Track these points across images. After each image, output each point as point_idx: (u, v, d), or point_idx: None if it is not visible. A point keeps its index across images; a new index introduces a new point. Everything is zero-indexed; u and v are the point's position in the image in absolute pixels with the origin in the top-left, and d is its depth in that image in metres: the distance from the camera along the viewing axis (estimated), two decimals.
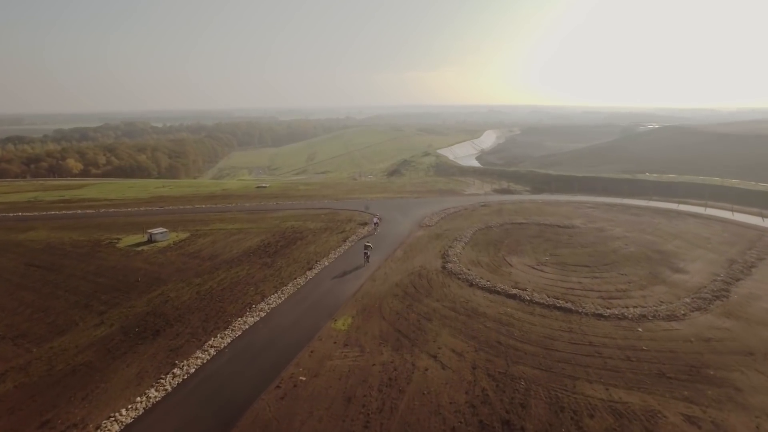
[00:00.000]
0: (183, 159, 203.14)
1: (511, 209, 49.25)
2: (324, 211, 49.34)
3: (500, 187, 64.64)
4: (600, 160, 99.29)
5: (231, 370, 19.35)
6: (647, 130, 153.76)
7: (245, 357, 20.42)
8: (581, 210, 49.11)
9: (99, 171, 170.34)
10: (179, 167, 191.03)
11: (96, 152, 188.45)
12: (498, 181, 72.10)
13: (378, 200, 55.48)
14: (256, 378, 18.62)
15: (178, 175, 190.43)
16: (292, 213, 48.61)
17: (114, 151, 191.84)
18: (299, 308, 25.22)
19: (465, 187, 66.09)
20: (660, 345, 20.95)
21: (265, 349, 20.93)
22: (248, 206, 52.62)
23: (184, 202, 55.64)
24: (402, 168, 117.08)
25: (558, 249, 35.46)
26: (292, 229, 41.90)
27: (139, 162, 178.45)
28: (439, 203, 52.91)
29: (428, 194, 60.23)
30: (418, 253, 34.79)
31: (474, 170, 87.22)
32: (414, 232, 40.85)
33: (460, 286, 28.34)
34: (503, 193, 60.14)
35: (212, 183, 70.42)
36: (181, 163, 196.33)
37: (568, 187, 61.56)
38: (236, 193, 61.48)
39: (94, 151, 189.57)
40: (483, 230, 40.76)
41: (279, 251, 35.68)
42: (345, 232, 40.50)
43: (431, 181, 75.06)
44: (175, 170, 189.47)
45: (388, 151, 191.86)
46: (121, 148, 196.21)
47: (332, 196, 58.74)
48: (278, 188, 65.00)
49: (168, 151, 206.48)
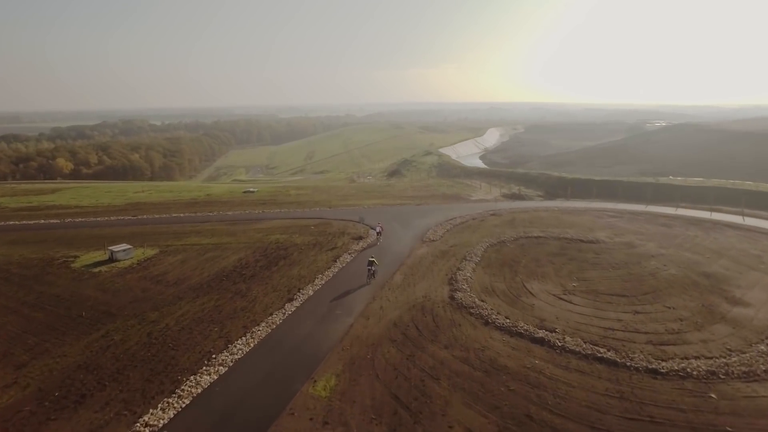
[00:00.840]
0: (178, 158, 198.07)
1: (524, 219, 43.88)
2: (314, 221, 44.04)
3: (510, 191, 59.23)
4: (613, 160, 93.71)
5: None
6: (659, 128, 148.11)
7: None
8: (604, 220, 43.72)
9: (90, 171, 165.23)
10: (174, 167, 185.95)
11: (88, 151, 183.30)
12: (507, 184, 66.68)
13: (376, 208, 50.16)
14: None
15: (172, 174, 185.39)
16: (279, 224, 43.31)
17: (107, 150, 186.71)
18: (270, 360, 19.92)
19: (471, 192, 60.71)
20: (748, 425, 15.64)
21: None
22: (231, 215, 47.35)
23: (161, 209, 50.37)
24: (402, 168, 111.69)
25: (585, 271, 30.13)
26: (276, 245, 36.60)
27: (132, 161, 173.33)
28: (444, 211, 47.56)
29: (431, 200, 54.87)
30: (420, 277, 29.48)
31: (480, 172, 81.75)
32: (416, 248, 35.52)
33: (472, 324, 23.03)
34: (514, 199, 54.75)
35: (196, 187, 65.16)
36: (175, 162, 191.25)
37: (584, 192, 56.14)
38: (220, 199, 56.21)
39: (86, 150, 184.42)
40: (495, 246, 35.41)
41: (257, 274, 30.40)
42: (336, 249, 35.18)
43: (434, 184, 69.68)
44: (169, 170, 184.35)
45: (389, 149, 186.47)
46: (115, 147, 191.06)
47: (325, 202, 53.43)
48: (267, 193, 59.70)
49: (163, 150, 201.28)
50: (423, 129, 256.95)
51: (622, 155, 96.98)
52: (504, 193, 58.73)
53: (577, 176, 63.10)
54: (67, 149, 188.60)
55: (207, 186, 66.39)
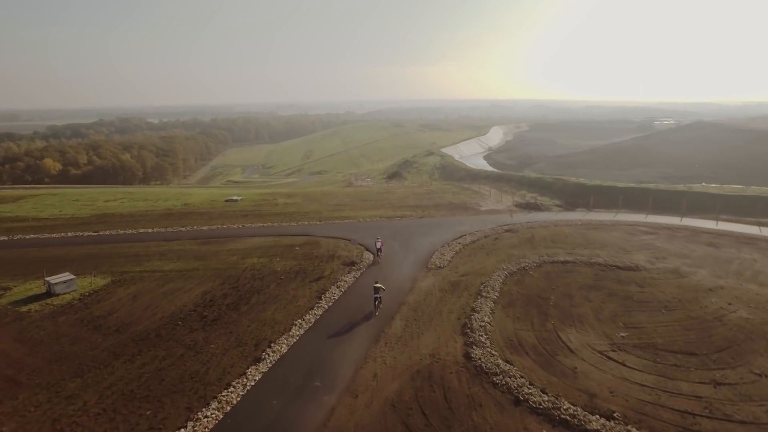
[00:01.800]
0: (171, 158, 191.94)
1: (545, 236, 37.75)
2: (301, 239, 37.93)
3: (524, 200, 53.06)
4: (629, 161, 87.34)
5: None
6: (673, 127, 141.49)
7: None
8: (637, 237, 37.59)
9: (79, 172, 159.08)
10: (167, 167, 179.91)
11: (78, 151, 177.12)
12: (518, 190, 60.48)
13: (372, 222, 44.06)
14: None
15: (165, 175, 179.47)
16: (259, 243, 37.21)
17: (97, 150, 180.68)
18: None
19: (479, 200, 54.55)
20: None
21: None
22: (206, 231, 41.27)
23: (129, 223, 44.29)
24: (403, 170, 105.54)
25: (631, 312, 24.06)
26: (251, 273, 30.53)
27: (123, 161, 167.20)
28: (451, 226, 41.46)
29: (435, 210, 48.76)
30: (426, 322, 23.39)
31: (487, 175, 75.52)
32: (419, 278, 29.40)
33: (498, 404, 16.98)
34: (529, 210, 48.59)
35: (175, 194, 59.10)
36: (168, 162, 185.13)
37: (609, 201, 49.96)
38: (198, 209, 50.10)
39: (76, 150, 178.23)
40: (515, 275, 29.33)
41: (222, 316, 24.34)
42: (323, 280, 29.09)
43: (437, 189, 63.52)
44: (162, 170, 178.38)
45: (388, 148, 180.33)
46: (106, 147, 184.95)
47: (315, 214, 47.33)
48: (251, 202, 53.57)
49: (156, 150, 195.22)
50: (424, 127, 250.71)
51: (640, 156, 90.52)
52: (517, 201, 52.56)
53: (598, 182, 56.80)
54: (57, 149, 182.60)
55: (187, 193, 60.28)
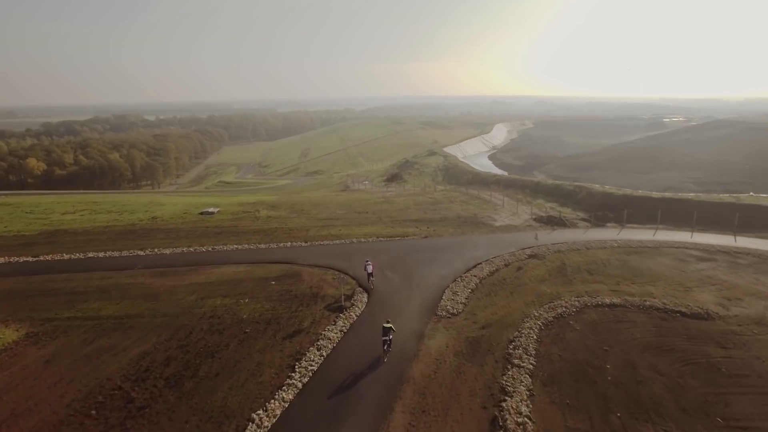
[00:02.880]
0: (163, 157, 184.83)
1: (578, 264, 30.85)
2: (279, 269, 31.01)
3: (544, 213, 46.13)
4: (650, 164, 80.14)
5: None
6: (693, 126, 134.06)
7: None
8: (692, 266, 30.68)
9: (64, 172, 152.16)
10: (157, 166, 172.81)
11: (65, 150, 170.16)
12: (534, 199, 53.54)
13: (368, 242, 37.14)
14: None
15: (155, 174, 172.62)
16: (228, 273, 30.32)
17: (85, 149, 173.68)
18: None
19: (492, 211, 47.60)
20: None
21: None
22: (168, 255, 34.35)
23: (80, 244, 37.34)
24: (404, 171, 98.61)
25: (728, 396, 17.18)
26: (209, 322, 23.66)
27: (111, 161, 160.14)
28: (461, 249, 34.53)
29: (442, 226, 41.86)
30: (439, 418, 16.43)
31: (497, 180, 68.42)
32: (428, 334, 22.42)
33: None
34: (551, 225, 41.66)
35: (145, 204, 52.15)
36: (160, 161, 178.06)
37: (643, 215, 43.04)
38: (167, 224, 43.16)
39: (63, 149, 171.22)
40: (552, 327, 22.46)
41: (153, 402, 17.44)
42: (300, 336, 22.19)
43: (443, 198, 56.54)
44: (152, 170, 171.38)
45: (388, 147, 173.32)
46: (94, 146, 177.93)
47: (301, 231, 40.43)
48: (229, 215, 46.60)
49: (147, 148, 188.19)
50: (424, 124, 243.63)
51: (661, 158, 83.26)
52: (536, 214, 45.61)
53: (628, 191, 49.77)
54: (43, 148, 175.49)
55: (159, 203, 53.28)
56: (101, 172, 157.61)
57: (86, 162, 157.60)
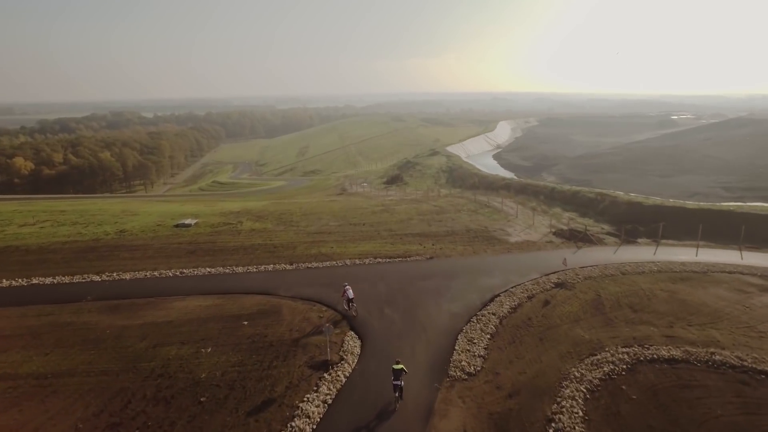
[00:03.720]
0: (156, 156, 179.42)
1: (617, 297, 25.53)
2: (255, 302, 25.73)
3: (565, 225, 40.79)
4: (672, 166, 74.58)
5: None
6: (712, 124, 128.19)
7: None
8: (757, 298, 25.31)
9: (52, 172, 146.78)
10: (150, 165, 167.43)
11: (54, 149, 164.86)
12: (550, 207, 48.16)
13: (363, 264, 31.85)
14: None
15: (148, 174, 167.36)
16: (192, 309, 25.06)
17: (76, 148, 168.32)
18: None
19: (505, 223, 42.26)
20: None
21: None
22: (127, 281, 29.11)
23: (27, 266, 32.04)
24: (405, 172, 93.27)
25: None
26: (156, 384, 18.39)
27: (101, 161, 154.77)
28: (474, 275, 29.23)
29: (449, 243, 36.54)
30: None
31: (506, 184, 62.98)
32: (439, 410, 17.04)
33: None
34: (574, 240, 36.32)
35: (117, 213, 46.85)
36: (153, 160, 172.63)
37: (678, 228, 37.69)
38: (135, 238, 37.84)
39: (53, 148, 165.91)
40: (601, 396, 17.19)
41: None
42: (272, 408, 16.86)
43: (448, 206, 51.18)
44: (144, 169, 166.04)
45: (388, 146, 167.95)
46: (85, 144, 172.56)
47: (287, 249, 35.12)
48: (208, 228, 41.23)
49: (140, 147, 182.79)
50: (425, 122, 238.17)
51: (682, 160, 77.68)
52: (555, 227, 40.28)
53: (656, 200, 44.34)
54: (32, 146, 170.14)
55: (132, 212, 47.94)
56: (91, 172, 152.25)
57: (76, 161, 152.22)
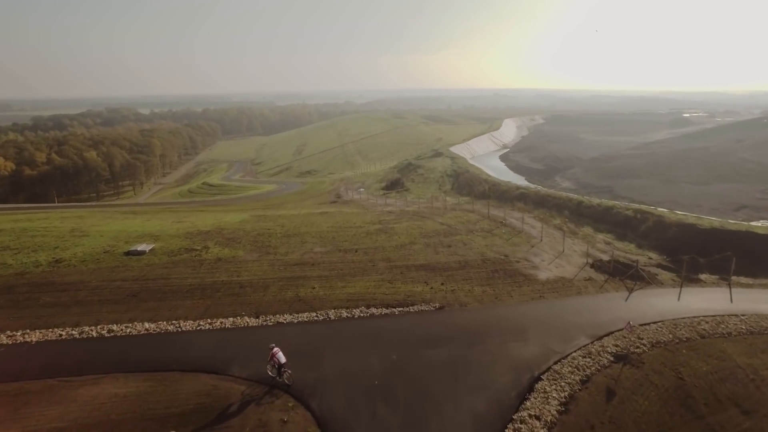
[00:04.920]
0: (146, 155, 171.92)
1: (710, 384, 18.02)
2: (196, 389, 18.23)
3: (601, 250, 33.23)
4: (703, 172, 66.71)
5: None
6: (737, 123, 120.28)
7: None
8: None
9: (34, 172, 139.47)
10: (138, 165, 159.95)
11: (39, 148, 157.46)
12: (579, 226, 40.57)
13: (352, 319, 24.38)
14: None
15: (137, 174, 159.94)
16: (102, 402, 17.60)
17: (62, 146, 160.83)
18: None
19: (527, 248, 34.68)
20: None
21: None
22: (33, 344, 21.59)
23: None
24: (405, 176, 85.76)
25: None
26: None
27: (86, 160, 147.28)
28: (500, 340, 21.67)
29: (463, 280, 28.97)
30: None
31: (521, 194, 55.20)
32: None
33: None
34: (619, 276, 28.83)
35: (62, 234, 39.40)
36: (142, 159, 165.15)
37: (749, 260, 30.22)
38: (69, 275, 30.26)
39: (36, 147, 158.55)
40: None
41: None
42: None
43: (457, 223, 43.61)
44: (133, 169, 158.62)
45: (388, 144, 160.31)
46: (71, 143, 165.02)
47: (257, 290, 27.55)
48: (164, 257, 33.60)
49: (129, 145, 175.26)
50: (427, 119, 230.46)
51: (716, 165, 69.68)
52: (591, 255, 32.73)
53: (714, 221, 36.76)
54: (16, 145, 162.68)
55: (80, 233, 40.41)
56: (75, 173, 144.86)
57: (59, 161, 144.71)
